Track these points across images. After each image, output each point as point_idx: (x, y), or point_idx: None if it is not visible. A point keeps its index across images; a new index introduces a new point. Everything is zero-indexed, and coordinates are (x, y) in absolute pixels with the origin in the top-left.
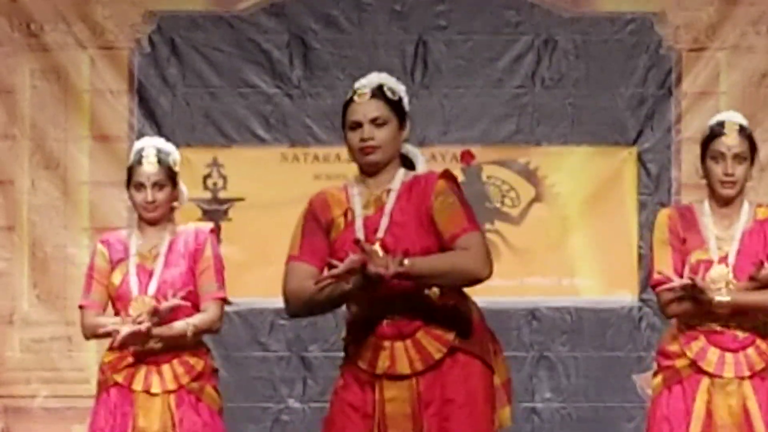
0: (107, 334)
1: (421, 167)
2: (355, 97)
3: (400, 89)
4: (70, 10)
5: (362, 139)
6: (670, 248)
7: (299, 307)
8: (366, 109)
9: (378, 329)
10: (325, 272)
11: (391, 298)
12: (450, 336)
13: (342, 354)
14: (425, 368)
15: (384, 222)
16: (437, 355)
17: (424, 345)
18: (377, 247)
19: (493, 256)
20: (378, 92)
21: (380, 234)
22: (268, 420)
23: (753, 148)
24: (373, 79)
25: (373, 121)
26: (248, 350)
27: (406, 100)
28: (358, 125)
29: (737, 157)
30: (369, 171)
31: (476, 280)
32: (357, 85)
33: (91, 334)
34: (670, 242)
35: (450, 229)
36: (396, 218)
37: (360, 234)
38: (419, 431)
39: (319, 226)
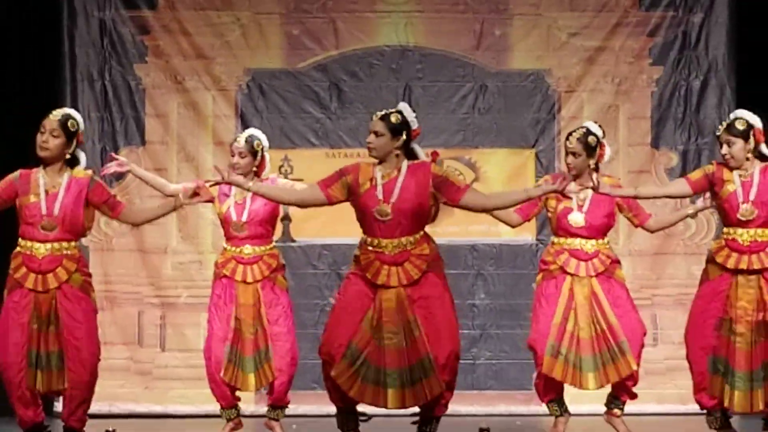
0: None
1: (422, 158)
2: (374, 116)
3: (408, 117)
4: (201, 68)
5: (368, 142)
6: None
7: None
8: (374, 124)
9: (382, 257)
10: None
11: (393, 245)
12: (424, 265)
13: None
14: (408, 283)
15: (396, 189)
16: (416, 276)
17: (408, 270)
18: (390, 207)
19: (450, 215)
20: (385, 116)
21: (394, 198)
22: (317, 310)
23: (588, 148)
24: (398, 107)
25: (375, 133)
26: (305, 269)
27: (408, 122)
28: (369, 133)
29: (574, 154)
30: (377, 159)
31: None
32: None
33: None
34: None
35: (461, 183)
36: (403, 186)
37: (380, 194)
38: (405, 320)
39: (344, 179)
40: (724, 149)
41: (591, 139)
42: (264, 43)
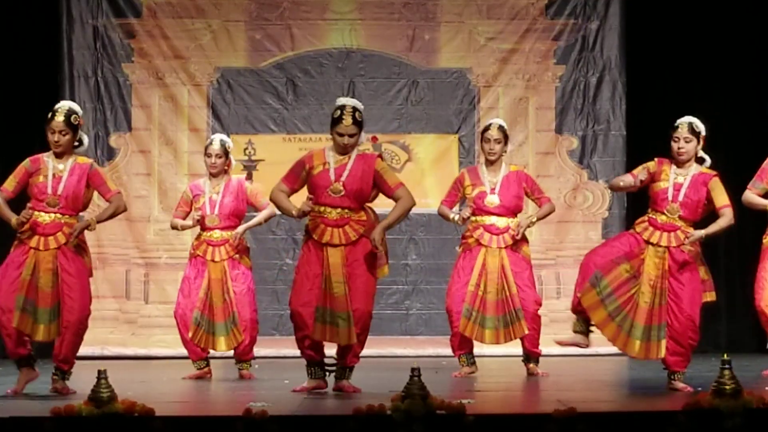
0: (181, 228)
1: (363, 142)
2: (349, 119)
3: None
4: (178, 67)
5: (347, 142)
6: (451, 191)
7: (273, 203)
8: (350, 128)
9: (326, 221)
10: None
11: (336, 212)
12: (362, 229)
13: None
14: (347, 243)
15: (346, 173)
16: (353, 237)
17: (348, 232)
18: (342, 185)
19: None
20: (360, 123)
21: (343, 178)
22: (276, 269)
23: (506, 136)
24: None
25: (350, 135)
26: (266, 234)
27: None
28: (345, 135)
29: (495, 141)
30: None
31: (411, 209)
32: (351, 104)
33: (172, 226)
34: (451, 188)
35: (393, 183)
36: (351, 172)
37: (332, 176)
38: (343, 274)
39: (302, 168)
40: (681, 144)
41: (506, 129)
42: (231, 45)
